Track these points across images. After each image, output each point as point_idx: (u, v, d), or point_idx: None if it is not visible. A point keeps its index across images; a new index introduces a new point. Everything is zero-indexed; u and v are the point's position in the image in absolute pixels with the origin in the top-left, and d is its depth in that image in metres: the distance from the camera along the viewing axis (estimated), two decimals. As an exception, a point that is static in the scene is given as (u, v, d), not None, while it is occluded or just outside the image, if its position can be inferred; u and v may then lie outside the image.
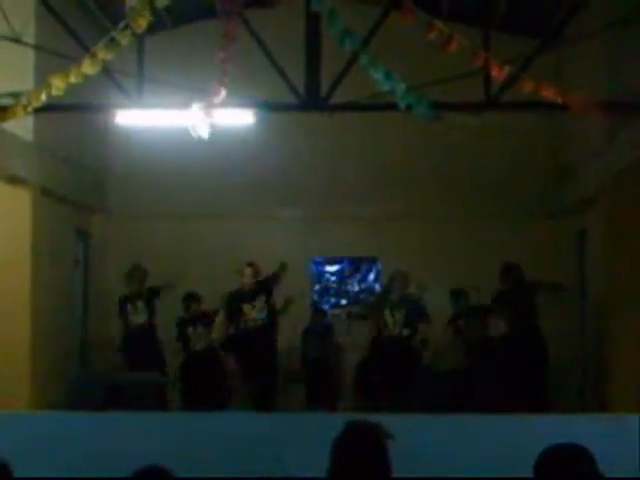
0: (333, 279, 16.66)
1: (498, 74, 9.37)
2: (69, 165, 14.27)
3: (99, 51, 9.29)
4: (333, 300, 16.60)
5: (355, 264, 16.62)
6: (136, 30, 9.16)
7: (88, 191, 15.37)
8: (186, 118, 9.40)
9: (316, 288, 16.59)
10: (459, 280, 14.73)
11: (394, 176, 15.76)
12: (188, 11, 15.02)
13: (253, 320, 13.53)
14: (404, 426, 5.23)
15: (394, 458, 4.20)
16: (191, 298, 13.95)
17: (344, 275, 16.65)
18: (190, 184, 15.77)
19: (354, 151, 16.01)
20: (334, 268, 16.63)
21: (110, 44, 9.24)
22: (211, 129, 9.30)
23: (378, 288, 16.11)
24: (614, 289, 12.37)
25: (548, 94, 9.45)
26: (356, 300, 16.52)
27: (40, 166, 13.04)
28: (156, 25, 10.86)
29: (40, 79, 10.84)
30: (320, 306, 16.16)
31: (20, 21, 10.62)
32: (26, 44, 10.97)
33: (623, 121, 11.49)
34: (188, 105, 9.44)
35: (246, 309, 13.54)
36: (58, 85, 9.39)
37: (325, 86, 10.54)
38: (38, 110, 9.97)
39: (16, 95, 10.03)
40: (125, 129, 14.11)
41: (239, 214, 15.88)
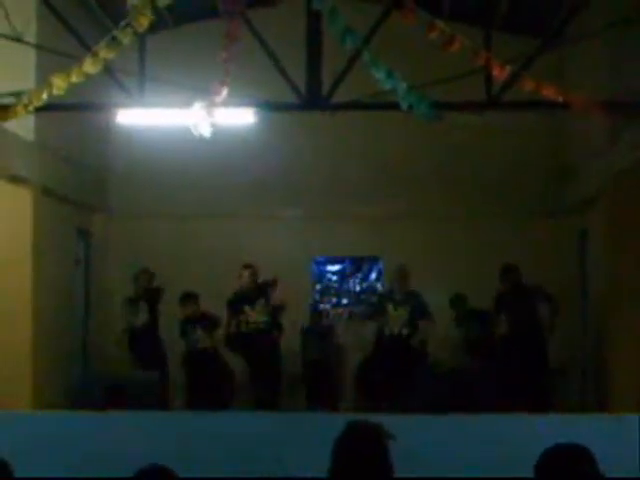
0: (334, 279, 16.63)
1: (499, 74, 9.37)
2: (70, 164, 14.26)
3: (100, 50, 9.28)
4: (334, 300, 16.58)
5: (357, 264, 16.59)
6: (138, 29, 9.16)
7: (89, 190, 15.36)
8: (187, 117, 9.41)
9: (317, 288, 16.57)
10: (460, 279, 14.74)
11: (395, 175, 15.75)
12: (190, 10, 15.01)
13: (254, 322, 13.53)
14: (405, 426, 5.23)
15: (395, 458, 4.20)
16: (188, 298, 13.91)
17: (345, 275, 16.62)
18: (191, 183, 15.75)
19: (356, 150, 15.99)
20: (335, 268, 16.61)
21: (111, 43, 9.24)
22: (212, 128, 9.30)
23: (380, 288, 16.09)
24: (615, 289, 12.37)
25: (549, 94, 9.44)
26: (357, 300, 16.50)
27: (41, 165, 13.03)
28: (158, 24, 10.84)
29: (41, 78, 10.83)
30: (319, 307, 16.15)
31: (21, 20, 10.60)
32: (27, 43, 10.95)
33: (624, 121, 11.47)
34: (190, 104, 9.44)
35: (247, 310, 13.54)
36: (59, 84, 9.39)
37: (326, 85, 10.52)
38: (39, 109, 9.97)
39: (17, 94, 10.02)
40: (126, 128, 14.09)
41: (240, 214, 15.86)
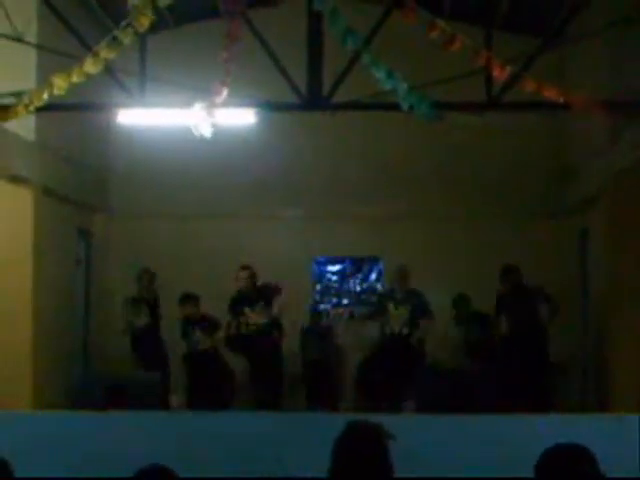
0: (335, 279, 16.63)
1: (500, 74, 9.36)
2: (71, 164, 14.26)
3: (101, 50, 9.28)
4: (335, 300, 16.57)
5: (357, 264, 16.59)
6: (138, 29, 9.16)
7: (90, 190, 15.36)
8: (188, 117, 9.41)
9: (318, 288, 16.57)
10: (461, 280, 14.73)
11: (396, 176, 15.75)
12: (191, 10, 15.01)
13: (254, 324, 13.53)
14: (405, 426, 5.23)
15: (395, 458, 4.20)
16: (187, 299, 13.89)
17: (346, 275, 16.62)
18: (192, 183, 15.75)
19: (356, 151, 15.99)
20: (336, 268, 16.60)
21: (112, 43, 9.24)
22: (213, 128, 9.30)
23: (380, 288, 16.09)
24: (616, 288, 12.37)
25: (550, 94, 9.43)
26: (358, 300, 16.50)
27: (42, 165, 13.03)
28: (158, 24, 10.84)
29: (42, 78, 10.83)
30: (320, 307, 16.14)
31: (22, 20, 10.60)
32: (28, 43, 10.95)
33: (625, 120, 11.47)
34: (190, 104, 9.44)
35: (247, 312, 13.55)
36: (60, 84, 9.39)
37: (327, 85, 10.52)
38: (40, 109, 9.97)
39: (18, 94, 10.02)
40: (127, 128, 14.09)
41: (241, 214, 15.86)
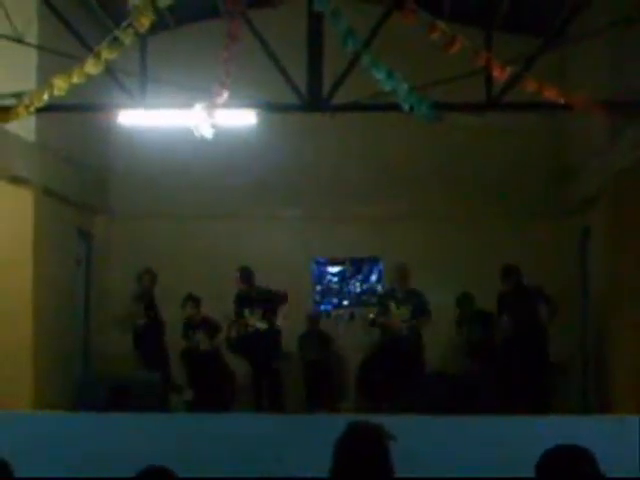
0: (335, 280, 16.61)
1: (500, 75, 9.36)
2: (71, 165, 14.26)
3: (102, 51, 9.29)
4: (335, 301, 16.55)
5: (357, 265, 16.57)
6: (139, 30, 9.17)
7: (90, 191, 15.36)
8: (189, 118, 9.42)
9: (318, 289, 16.55)
10: (461, 280, 14.72)
11: (396, 176, 15.74)
12: (191, 11, 15.01)
13: (252, 326, 13.53)
14: (406, 427, 5.23)
15: (396, 459, 4.20)
16: (188, 300, 13.89)
17: (346, 276, 16.60)
18: (192, 184, 15.74)
19: (356, 151, 15.98)
20: (336, 269, 16.57)
21: (113, 44, 9.25)
22: (214, 129, 9.30)
23: (380, 289, 16.06)
24: (616, 288, 12.37)
25: (550, 94, 9.44)
26: (358, 301, 16.47)
27: (42, 166, 13.03)
28: (159, 25, 10.87)
29: (42, 79, 10.83)
30: (320, 308, 16.12)
31: (22, 21, 10.62)
32: (28, 44, 10.96)
33: (625, 120, 11.47)
34: (191, 105, 9.45)
35: (246, 314, 13.56)
36: (60, 85, 9.40)
37: (327, 86, 10.52)
38: (40, 110, 9.99)
39: (18, 95, 10.04)
40: (127, 129, 14.08)
41: (241, 214, 15.86)
